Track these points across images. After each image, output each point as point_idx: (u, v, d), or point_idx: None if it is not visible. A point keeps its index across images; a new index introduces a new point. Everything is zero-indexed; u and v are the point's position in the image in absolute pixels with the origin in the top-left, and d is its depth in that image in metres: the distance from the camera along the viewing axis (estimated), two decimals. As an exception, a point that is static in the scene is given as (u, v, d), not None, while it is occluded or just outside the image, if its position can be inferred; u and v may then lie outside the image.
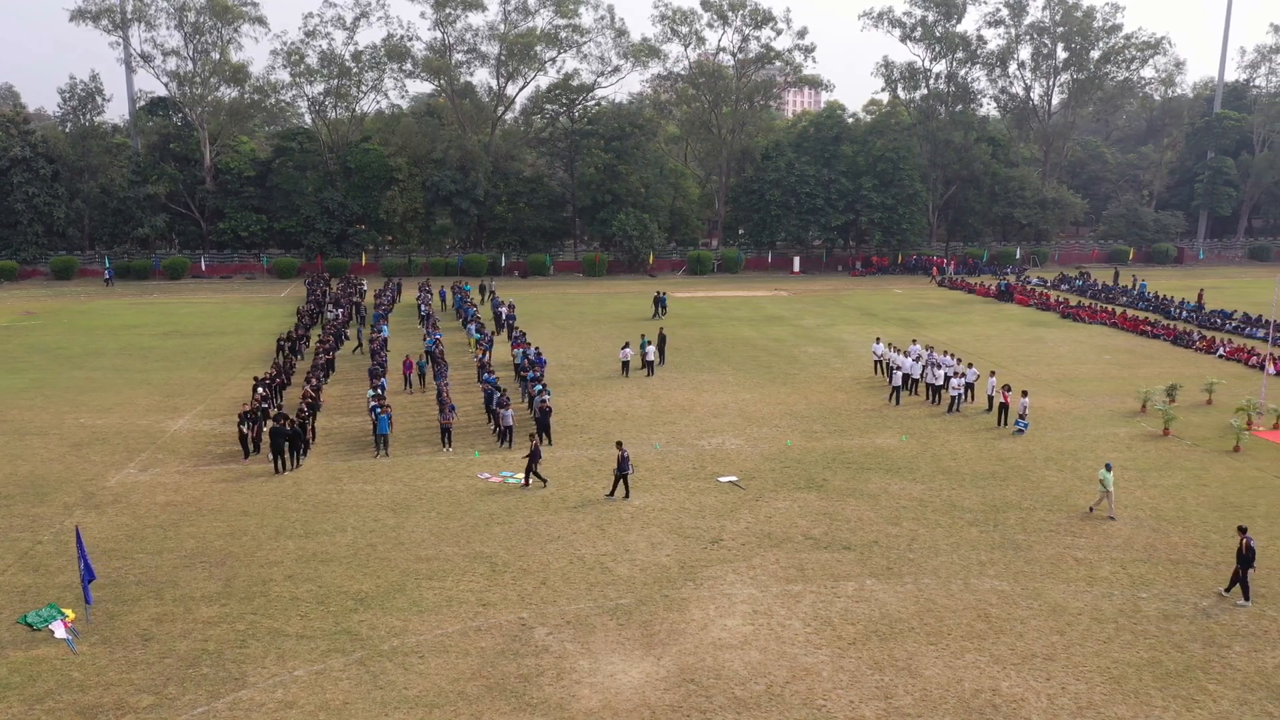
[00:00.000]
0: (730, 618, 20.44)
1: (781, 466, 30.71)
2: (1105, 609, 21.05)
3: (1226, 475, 30.19)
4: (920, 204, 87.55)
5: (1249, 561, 21.17)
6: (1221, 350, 49.04)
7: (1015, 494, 28.26)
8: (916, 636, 19.72)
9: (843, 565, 23.19)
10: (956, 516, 26.43)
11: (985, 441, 33.69)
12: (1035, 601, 21.35)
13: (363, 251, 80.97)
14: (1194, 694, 17.69)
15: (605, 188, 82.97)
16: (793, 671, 18.34)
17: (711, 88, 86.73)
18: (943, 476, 29.85)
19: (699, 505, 27.11)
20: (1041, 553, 24.04)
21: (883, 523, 25.98)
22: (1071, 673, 18.39)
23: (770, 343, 52.19)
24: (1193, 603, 21.37)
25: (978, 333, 55.78)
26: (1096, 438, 34.15)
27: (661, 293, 62.75)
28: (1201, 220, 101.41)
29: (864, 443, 33.42)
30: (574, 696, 17.39)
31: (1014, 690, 17.77)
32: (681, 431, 34.60)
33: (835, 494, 28.16)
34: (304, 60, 79.85)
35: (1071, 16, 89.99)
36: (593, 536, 24.77)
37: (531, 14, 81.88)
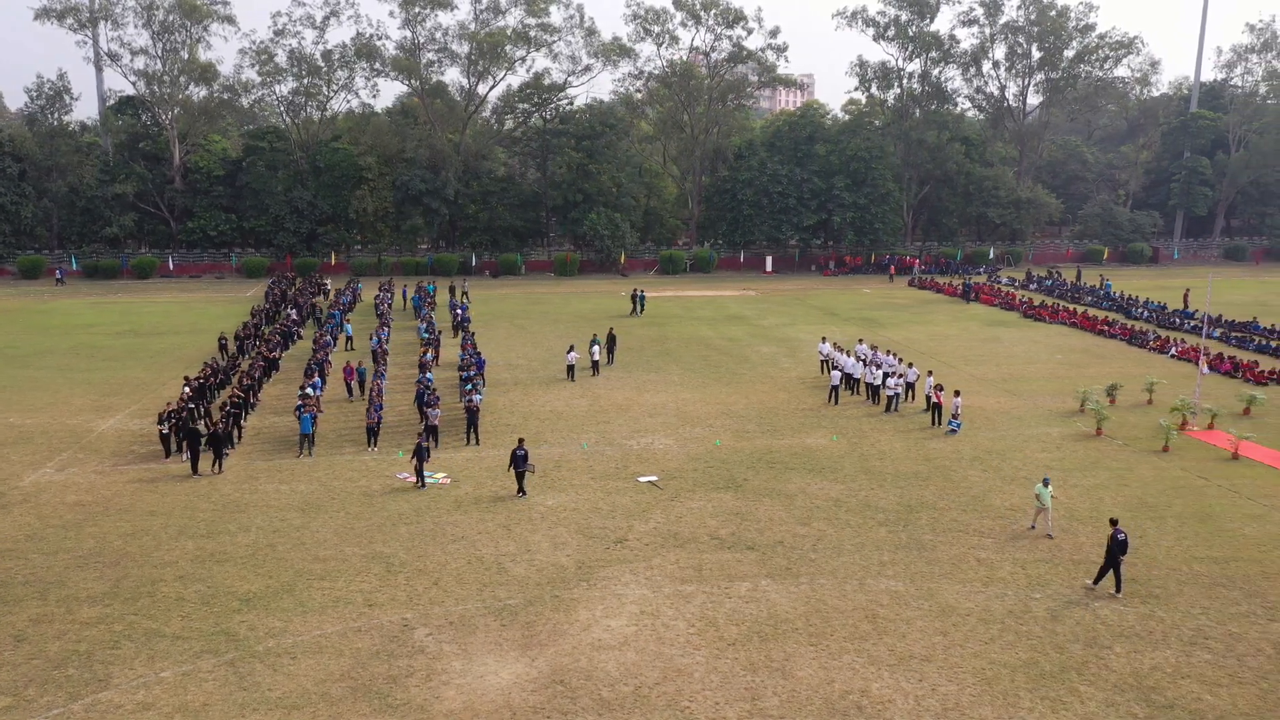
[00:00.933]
0: (615, 618, 20.36)
1: (705, 466, 30.63)
2: (995, 609, 20.98)
3: (1150, 475, 30.12)
4: (893, 204, 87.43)
5: (1120, 552, 21.59)
6: (1174, 350, 48.99)
7: (933, 494, 28.19)
8: (799, 637, 19.64)
9: (742, 566, 23.10)
10: (868, 517, 26.35)
11: (916, 441, 33.61)
12: (926, 602, 21.27)
13: (332, 251, 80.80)
14: (1063, 695, 17.62)
15: (577, 187, 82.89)
16: (665, 673, 18.26)
17: (684, 87, 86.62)
18: (865, 476, 29.78)
19: (612, 505, 27.02)
20: (945, 553, 23.97)
21: (793, 523, 25.90)
22: (946, 674, 18.32)
23: (725, 342, 52.09)
24: (1084, 603, 21.29)
25: (936, 332, 55.70)
26: (1028, 438, 34.07)
27: (640, 290, 63.20)
28: (1178, 220, 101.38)
29: (794, 443, 33.34)
30: (438, 698, 17.31)
31: (883, 692, 17.69)
32: (613, 431, 34.51)
33: (752, 494, 28.08)
34: (273, 59, 79.69)
35: (1045, 16, 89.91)
36: (497, 536, 24.69)
37: (502, 13, 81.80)
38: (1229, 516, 26.54)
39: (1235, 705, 17.34)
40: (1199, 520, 26.24)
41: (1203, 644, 19.51)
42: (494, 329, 55.78)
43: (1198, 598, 21.58)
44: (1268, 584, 22.32)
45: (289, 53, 79.62)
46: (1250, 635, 19.89)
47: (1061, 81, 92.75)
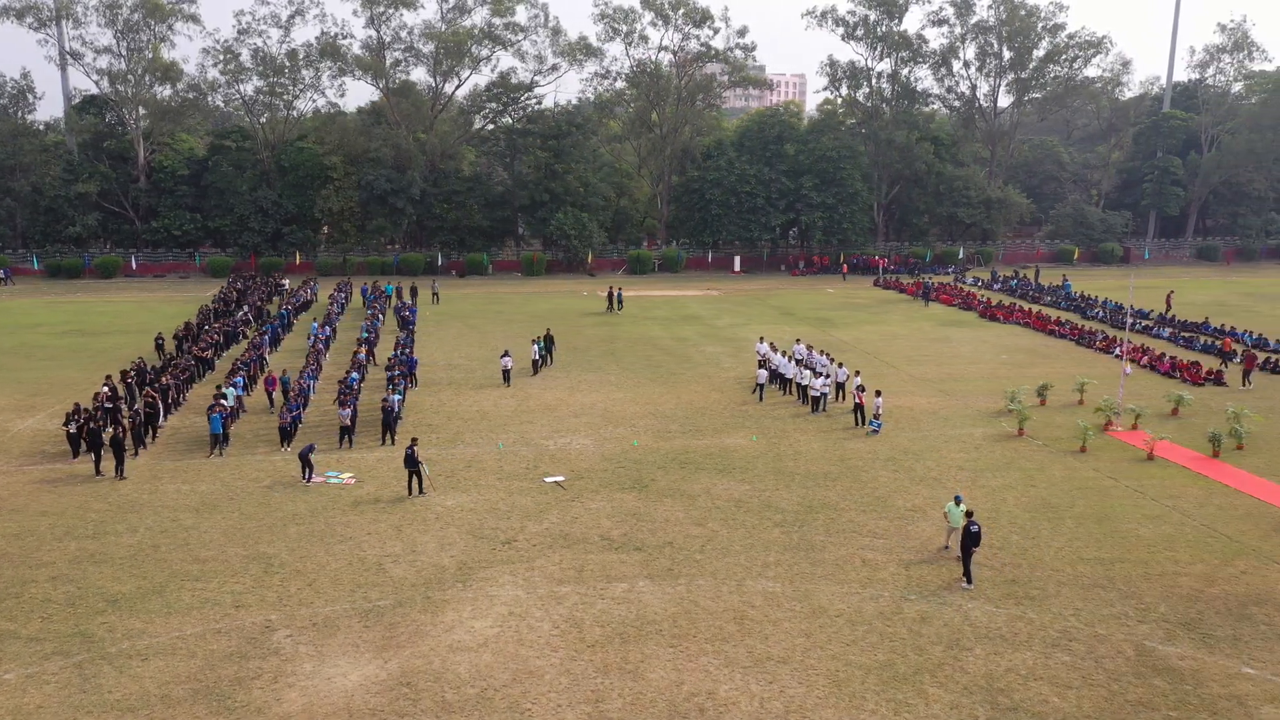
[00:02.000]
0: (481, 620, 20.27)
1: (616, 466, 30.54)
2: (866, 611, 20.90)
3: (1061, 476, 30.04)
4: (862, 203, 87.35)
5: (971, 544, 21.97)
6: (1118, 350, 48.91)
7: (837, 495, 28.10)
8: (661, 639, 19.55)
9: (624, 566, 23.01)
10: (765, 517, 26.27)
11: (835, 442, 33.52)
12: (799, 604, 21.19)
13: (297, 251, 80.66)
14: (910, 698, 17.53)
15: (543, 187, 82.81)
16: (516, 675, 18.17)
17: (652, 87, 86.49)
18: (774, 477, 29.69)
19: (511, 506, 26.93)
20: (833, 554, 23.89)
21: (688, 523, 25.81)
22: (799, 675, 18.23)
23: (673, 342, 52.01)
24: (957, 604, 21.21)
25: (887, 332, 55.63)
26: (949, 438, 33.99)
27: (618, 289, 64.13)
28: (1151, 220, 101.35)
29: (712, 443, 33.25)
30: (278, 700, 17.21)
31: (730, 694, 17.60)
32: (534, 431, 34.42)
33: (655, 494, 27.99)
34: (237, 58, 79.52)
35: (1015, 15, 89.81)
36: (386, 537, 24.59)
37: (468, 12, 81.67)
38: (1127, 517, 26.47)
39: (1080, 707, 17.26)
40: (1096, 521, 26.17)
41: (1065, 646, 19.43)
42: (446, 329, 55.73)
43: (1073, 599, 21.50)
44: (1147, 585, 22.25)
45: (253, 52, 79.47)
46: (1115, 637, 19.82)
47: (1031, 81, 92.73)
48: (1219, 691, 17.83)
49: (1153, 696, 17.63)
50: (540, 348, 44.10)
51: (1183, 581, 22.45)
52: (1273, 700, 17.56)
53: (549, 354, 45.15)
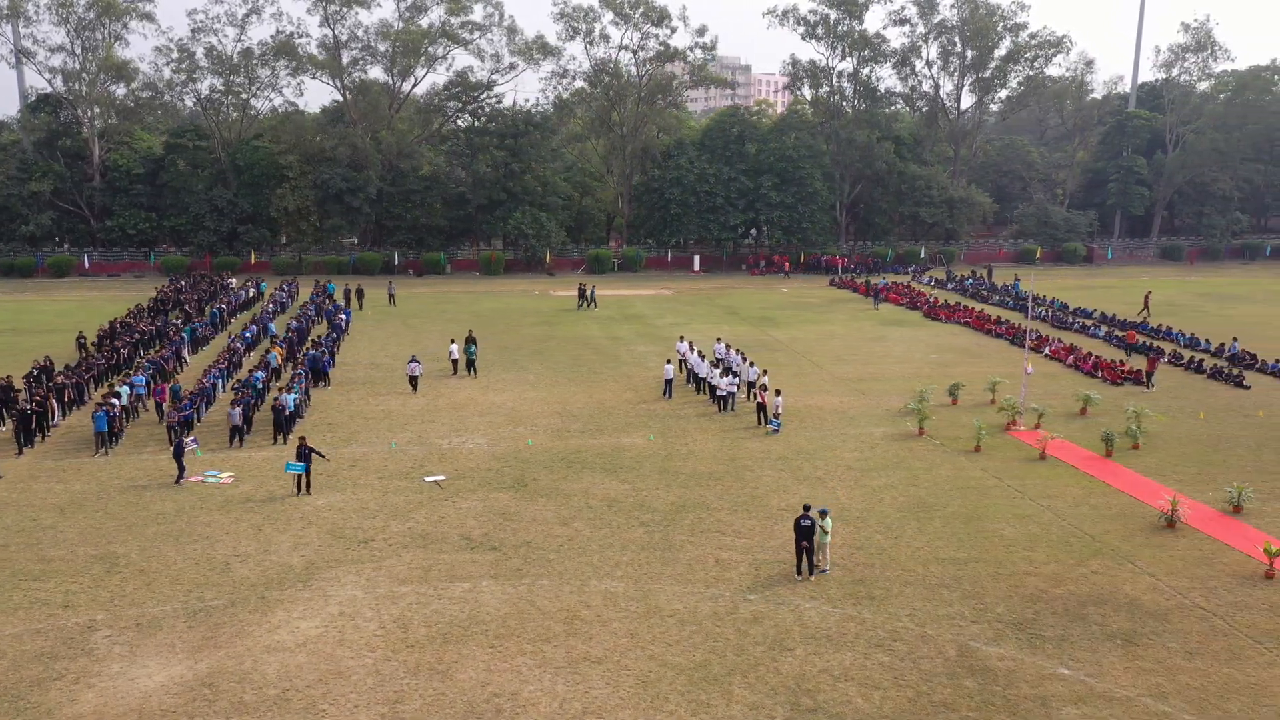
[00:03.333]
0: (310, 620, 20.16)
1: (503, 466, 30.44)
2: (702, 610, 20.80)
3: (947, 475, 29.94)
4: (821, 203, 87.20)
5: (800, 537, 22.13)
6: (1047, 349, 48.83)
7: (714, 494, 28.00)
8: (484, 640, 19.45)
9: (473, 567, 22.91)
10: (634, 517, 26.17)
11: (733, 441, 33.42)
12: (637, 604, 21.08)
13: (252, 250, 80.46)
14: (714, 699, 17.43)
15: (501, 186, 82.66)
16: (324, 675, 18.06)
17: (611, 86, 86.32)
18: (657, 476, 29.59)
19: (381, 505, 26.83)
20: (689, 554, 23.79)
21: (554, 523, 25.71)
22: (610, 676, 18.13)
23: (606, 341, 51.89)
24: (794, 604, 21.11)
25: (825, 332, 55.52)
26: (848, 438, 33.90)
27: (591, 286, 65.20)
28: (1117, 220, 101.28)
29: (609, 442, 33.15)
30: (72, 701, 17.10)
31: (533, 694, 17.50)
32: (432, 431, 34.31)
33: (531, 494, 27.89)
34: (192, 57, 79.33)
35: (976, 15, 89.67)
36: (243, 536, 24.48)
37: (424, 10, 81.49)
38: (998, 517, 26.38)
39: (881, 709, 17.17)
40: (964, 521, 26.08)
41: (888, 647, 19.33)
42: (382, 328, 55.60)
43: (913, 599, 21.41)
44: (994, 585, 22.16)
45: (207, 50, 79.27)
46: (942, 637, 19.73)
47: (994, 81, 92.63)
48: (1027, 692, 17.74)
49: (958, 697, 17.54)
50: (468, 349, 43.59)
51: (1030, 581, 22.37)
52: (1078, 701, 17.47)
53: (471, 356, 44.60)
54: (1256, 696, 17.65)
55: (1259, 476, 29.89)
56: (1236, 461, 31.46)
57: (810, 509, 22.74)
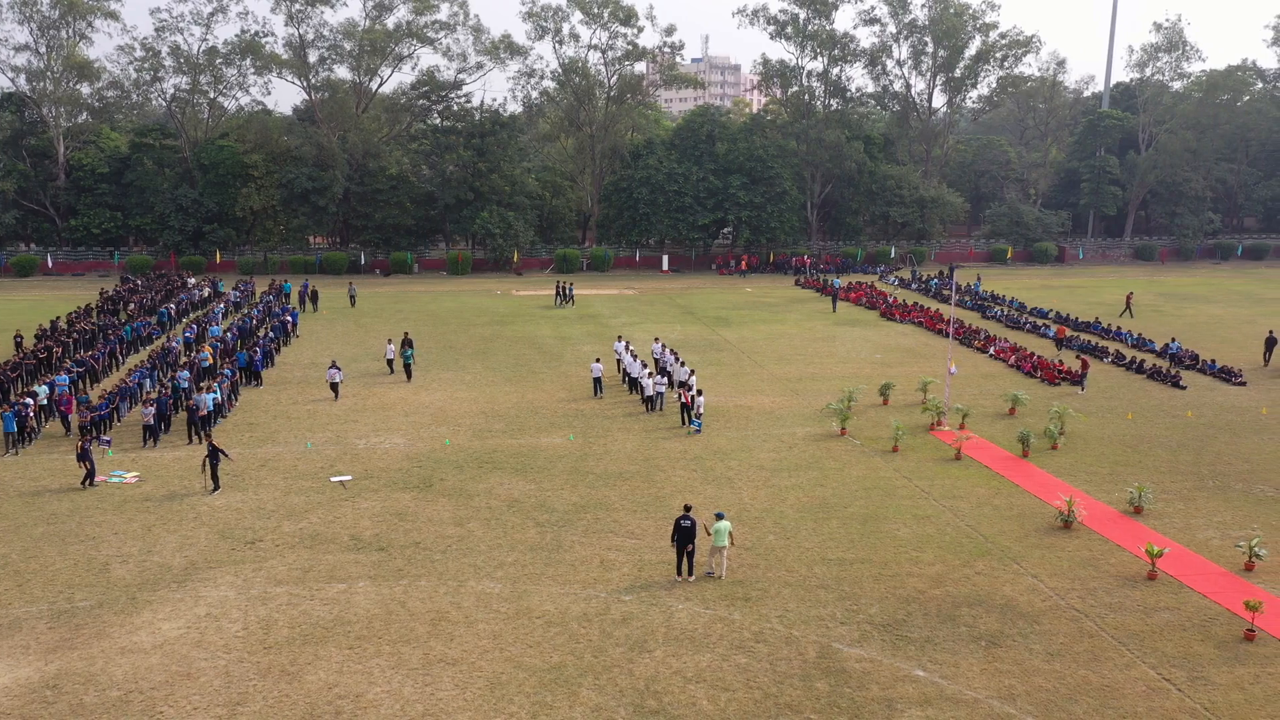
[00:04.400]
0: (173, 621, 20.05)
1: (414, 466, 30.34)
2: (572, 611, 20.71)
3: (858, 475, 29.85)
4: (790, 202, 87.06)
5: (680, 539, 22.05)
6: (992, 350, 48.75)
7: (618, 495, 27.90)
8: (345, 640, 19.35)
9: (355, 567, 22.81)
10: (531, 517, 26.06)
11: (653, 441, 33.31)
12: (509, 605, 20.98)
13: (217, 249, 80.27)
14: (559, 700, 17.34)
15: (468, 185, 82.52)
16: (172, 677, 17.96)
17: (580, 86, 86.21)
18: (567, 476, 29.49)
19: (279, 505, 26.72)
20: (576, 554, 23.69)
21: (450, 524, 25.61)
22: (461, 677, 18.04)
23: (554, 341, 51.75)
24: (667, 606, 21.01)
25: (776, 332, 55.39)
26: (768, 438, 33.79)
27: (569, 284, 66.60)
28: (1090, 219, 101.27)
29: (528, 442, 33.04)
30: (-90, 702, 17.01)
31: (378, 696, 17.40)
32: (353, 431, 34.19)
33: (434, 494, 27.79)
34: (157, 56, 79.15)
35: (946, 15, 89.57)
36: (131, 537, 24.37)
37: (390, 9, 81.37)
38: (897, 517, 26.29)
39: (724, 711, 17.07)
40: (862, 521, 25.99)
41: (749, 648, 19.24)
42: (332, 328, 55.46)
43: (789, 600, 21.32)
44: (874, 586, 22.07)
45: (172, 49, 79.10)
46: (807, 639, 19.64)
47: (965, 81, 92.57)
48: (876, 694, 17.65)
49: (805, 699, 17.45)
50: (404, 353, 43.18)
51: (910, 583, 22.28)
52: (925, 703, 17.38)
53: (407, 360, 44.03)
54: (1105, 699, 17.56)
55: (1170, 477, 29.85)
56: (1152, 462, 31.39)
57: (691, 510, 22.69)
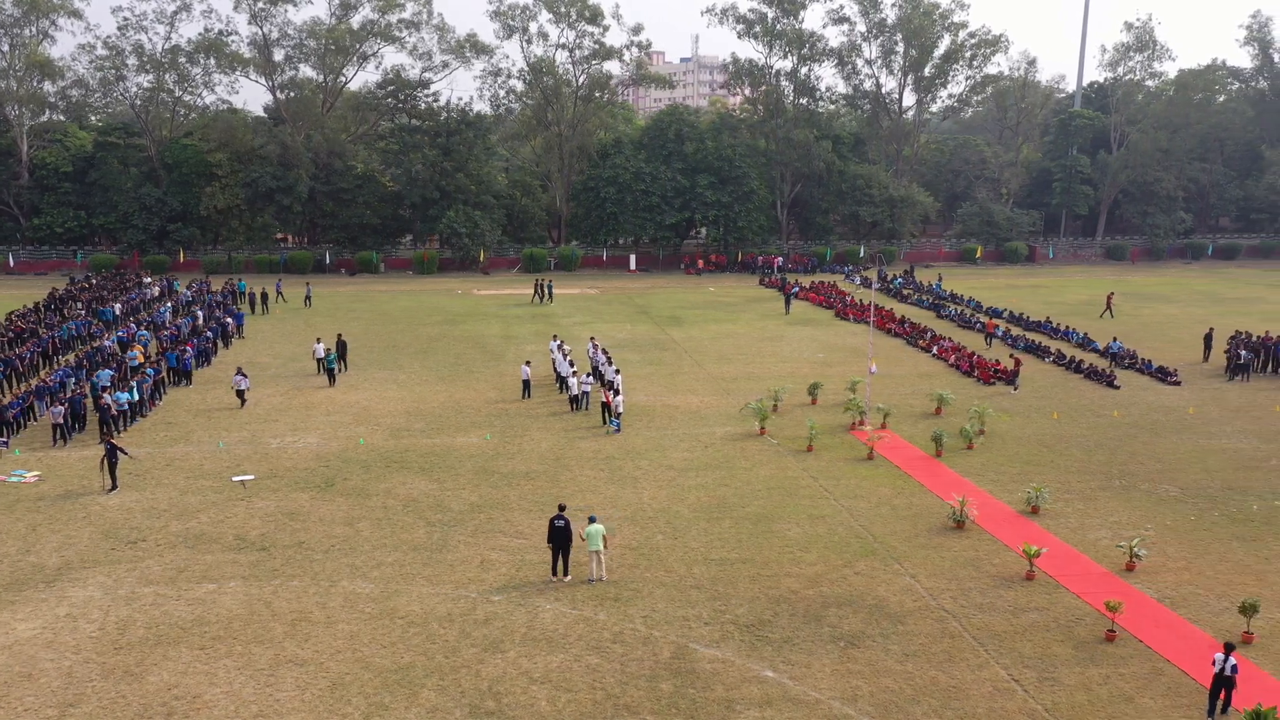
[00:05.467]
0: (31, 621, 19.94)
1: (321, 465, 30.22)
2: (437, 611, 20.61)
3: (766, 475, 29.74)
4: (758, 202, 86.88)
5: (555, 540, 22.05)
6: (934, 350, 48.66)
7: (518, 494, 27.79)
8: (199, 641, 19.24)
9: (231, 567, 22.69)
10: (425, 517, 25.96)
11: (570, 441, 33.19)
12: (376, 605, 20.88)
13: (180, 248, 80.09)
14: (397, 701, 17.23)
15: (434, 184, 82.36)
16: (14, 677, 17.85)
17: (545, 85, 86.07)
18: (472, 475, 29.38)
19: (173, 504, 26.61)
20: (458, 555, 23.60)
21: (340, 524, 25.50)
22: (305, 678, 17.94)
23: (499, 341, 51.61)
24: (535, 606, 20.90)
25: (725, 331, 55.24)
26: (687, 437, 33.68)
27: (548, 281, 67.66)
28: (1063, 219, 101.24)
29: (442, 442, 32.92)
30: None
31: (215, 697, 17.30)
32: (269, 430, 34.05)
33: (333, 494, 27.68)
34: (120, 54, 78.96)
35: (915, 14, 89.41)
36: (14, 536, 24.25)
37: (355, 8, 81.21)
38: (792, 517, 26.19)
39: (560, 712, 16.97)
40: (755, 521, 25.89)
41: (605, 649, 19.14)
42: (282, 327, 55.34)
43: (659, 601, 21.22)
44: (749, 585, 21.98)
45: (134, 47, 78.91)
46: (666, 639, 19.54)
47: (935, 80, 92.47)
48: (719, 695, 17.55)
49: (645, 700, 17.35)
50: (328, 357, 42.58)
51: (786, 583, 22.18)
52: (765, 704, 17.29)
53: (341, 359, 43.61)
54: (948, 700, 17.46)
55: (1079, 476, 29.77)
56: (1064, 461, 31.30)
57: (565, 509, 22.61)
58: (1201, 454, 32.09)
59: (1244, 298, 70.43)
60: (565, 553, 22.16)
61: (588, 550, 22.26)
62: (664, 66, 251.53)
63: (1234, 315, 60.26)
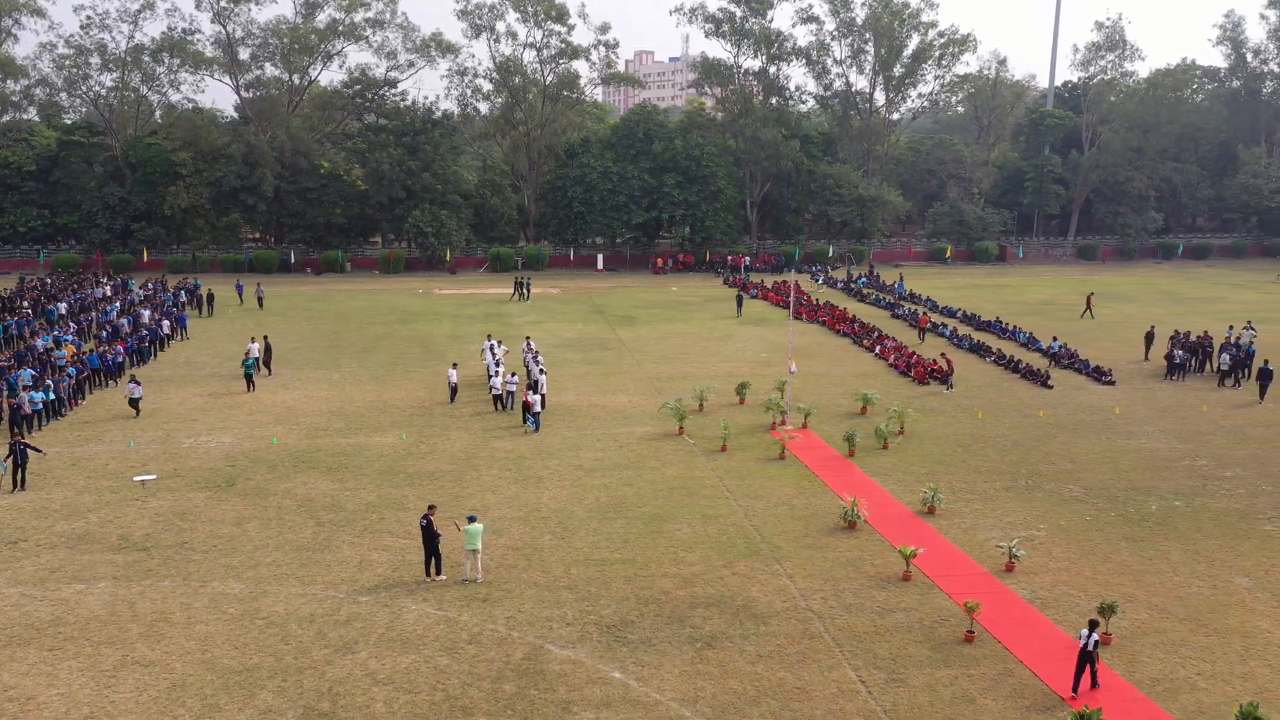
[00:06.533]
0: (-113, 622, 19.83)
1: (227, 465, 30.10)
2: (300, 612, 20.49)
3: (673, 475, 29.62)
4: (725, 201, 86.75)
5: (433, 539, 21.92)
6: (877, 350, 48.55)
7: (418, 495, 27.63)
8: (51, 642, 19.12)
9: (106, 567, 22.57)
10: (317, 517, 25.84)
11: (486, 441, 33.06)
12: (242, 606, 20.76)
13: (144, 247, 79.94)
14: (232, 702, 17.12)
15: (400, 184, 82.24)
16: None
17: (513, 84, 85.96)
18: (376, 476, 29.27)
19: (65, 504, 26.49)
20: (339, 555, 23.48)
21: (229, 524, 25.38)
22: (148, 679, 17.83)
23: (445, 340, 51.51)
24: (401, 607, 20.79)
25: (674, 331, 55.13)
26: (604, 437, 33.58)
27: (527, 279, 69.22)
28: (1036, 219, 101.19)
29: (357, 442, 32.80)
30: None
31: (50, 698, 17.19)
32: (184, 430, 33.92)
33: (231, 494, 27.56)
34: (86, 53, 78.85)
35: (883, 13, 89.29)
36: (-105, 537, 24.14)
37: (319, 7, 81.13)
38: (686, 517, 26.07)
39: (395, 713, 16.86)
40: (647, 521, 25.78)
41: (459, 650, 19.03)
42: (231, 326, 55.22)
43: (527, 601, 21.10)
44: (623, 586, 21.87)
45: (97, 45, 78.81)
46: (523, 641, 19.43)
47: (906, 79, 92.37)
48: (561, 696, 17.44)
49: (484, 701, 17.24)
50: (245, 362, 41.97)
51: (661, 583, 22.07)
52: (604, 705, 17.18)
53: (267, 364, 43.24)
54: (789, 701, 17.36)
55: (986, 477, 29.67)
56: (976, 461, 31.20)
57: (434, 509, 22.53)
58: (1116, 454, 31.99)
59: (1205, 297, 70.40)
60: (436, 553, 22.05)
61: (465, 549, 22.14)
62: (654, 66, 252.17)
63: (1191, 315, 60.19)
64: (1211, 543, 24.57)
